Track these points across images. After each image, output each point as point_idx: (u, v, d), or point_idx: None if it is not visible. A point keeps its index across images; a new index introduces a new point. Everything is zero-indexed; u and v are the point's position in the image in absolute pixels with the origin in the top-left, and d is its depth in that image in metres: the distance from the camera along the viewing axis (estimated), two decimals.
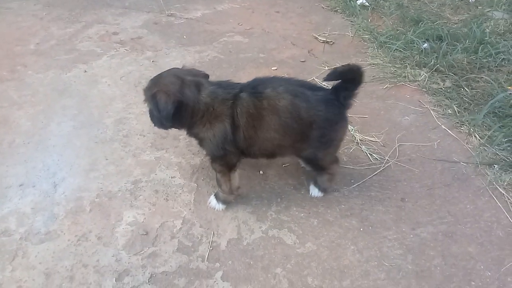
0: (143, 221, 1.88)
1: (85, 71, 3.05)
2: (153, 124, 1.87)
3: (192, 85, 1.71)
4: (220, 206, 1.95)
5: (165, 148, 2.30)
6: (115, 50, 3.37)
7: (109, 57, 3.26)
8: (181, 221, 1.89)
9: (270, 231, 1.84)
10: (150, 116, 1.87)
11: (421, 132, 2.38)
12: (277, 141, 1.76)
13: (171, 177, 2.11)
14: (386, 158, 2.20)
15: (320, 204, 1.96)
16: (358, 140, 2.31)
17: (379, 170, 2.13)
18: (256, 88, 1.74)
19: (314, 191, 2.00)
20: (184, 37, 3.62)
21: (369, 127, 2.44)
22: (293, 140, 1.77)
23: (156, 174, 2.13)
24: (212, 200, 1.97)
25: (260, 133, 1.73)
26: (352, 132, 2.37)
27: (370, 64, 3.07)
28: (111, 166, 2.18)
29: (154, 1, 4.32)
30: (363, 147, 2.27)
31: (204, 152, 1.92)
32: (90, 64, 3.15)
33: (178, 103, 1.66)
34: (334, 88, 1.75)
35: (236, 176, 1.91)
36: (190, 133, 1.85)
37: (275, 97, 1.69)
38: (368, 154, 2.22)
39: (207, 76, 1.86)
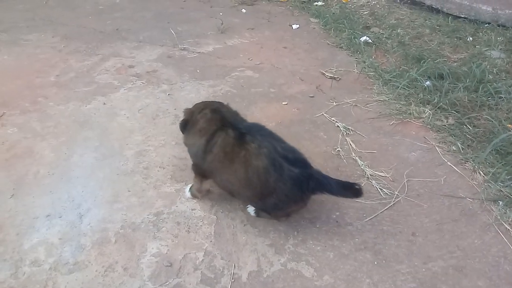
0: (166, 253, 1.97)
1: (104, 104, 3.19)
2: None
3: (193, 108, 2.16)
4: (188, 195, 2.27)
5: (184, 181, 2.41)
6: (132, 83, 3.53)
7: (127, 90, 3.40)
8: (203, 253, 1.97)
9: (289, 263, 1.93)
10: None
11: (428, 168, 2.51)
12: (235, 187, 1.99)
13: (192, 209, 2.21)
14: (396, 193, 2.31)
15: (335, 238, 2.05)
16: (369, 175, 2.43)
17: (390, 205, 2.23)
18: (244, 134, 1.91)
19: (251, 209, 2.17)
20: (198, 71, 3.78)
21: (378, 162, 2.56)
22: (249, 193, 1.97)
23: (177, 206, 2.23)
24: (186, 188, 2.29)
25: (223, 171, 1.97)
26: (362, 167, 2.49)
27: (377, 101, 3.23)
28: (133, 197, 2.28)
29: (168, 35, 4.52)
30: (373, 182, 2.39)
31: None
32: (109, 97, 3.29)
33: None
34: (312, 174, 1.90)
35: (207, 182, 2.18)
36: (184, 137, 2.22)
37: (254, 154, 1.84)
38: (379, 189, 2.33)
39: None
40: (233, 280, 1.84)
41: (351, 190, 1.95)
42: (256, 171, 1.86)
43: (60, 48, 4.17)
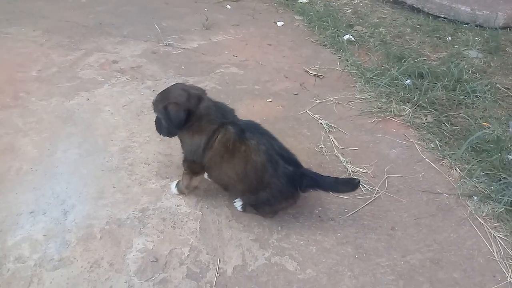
0: (152, 248, 1.99)
1: (88, 99, 3.17)
2: (160, 133, 2.20)
3: (196, 97, 1.99)
4: (174, 191, 2.29)
5: (170, 177, 2.42)
6: (116, 78, 3.50)
7: (111, 86, 3.38)
8: (189, 248, 2.00)
9: (273, 258, 1.98)
10: (157, 125, 2.18)
11: (407, 165, 2.59)
12: (232, 181, 2.03)
13: (177, 206, 2.24)
14: (377, 188, 2.39)
15: (318, 232, 2.11)
16: (350, 172, 2.50)
17: (371, 200, 2.31)
18: (244, 131, 1.97)
19: (238, 204, 2.22)
20: (182, 67, 3.78)
21: (359, 159, 2.63)
22: (244, 187, 2.03)
23: (162, 202, 2.25)
24: (173, 184, 2.30)
25: (223, 166, 2.00)
26: (344, 164, 2.56)
27: (359, 99, 3.31)
28: (118, 194, 2.29)
29: (152, 30, 4.50)
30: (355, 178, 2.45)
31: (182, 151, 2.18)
32: (92, 92, 3.26)
33: (187, 112, 1.93)
34: (304, 173, 2.00)
35: (197, 179, 2.20)
36: (179, 134, 2.11)
37: (254, 150, 1.92)
38: (360, 185, 2.40)
39: (205, 92, 2.11)
40: (218, 275, 1.88)
41: (347, 184, 2.06)
42: (254, 166, 1.93)
43: (42, 42, 4.11)
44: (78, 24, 4.61)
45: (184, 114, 1.91)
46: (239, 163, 1.96)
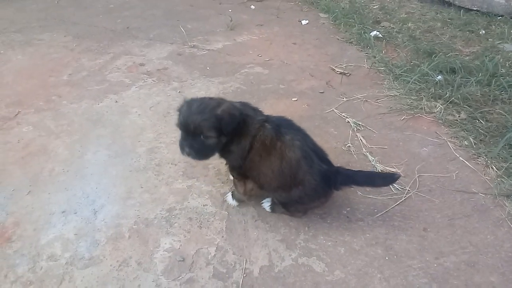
0: (179, 248, 2.00)
1: (116, 101, 3.23)
2: (197, 157, 1.94)
3: (227, 101, 1.96)
4: (234, 203, 2.23)
5: (196, 177, 2.44)
6: (143, 80, 3.57)
7: (138, 88, 3.45)
8: (215, 248, 2.00)
9: (300, 259, 1.94)
10: (191, 148, 1.88)
11: (440, 163, 2.49)
12: (268, 178, 1.97)
13: (203, 205, 2.24)
14: (407, 188, 2.31)
15: (346, 233, 2.06)
16: (380, 171, 2.42)
17: (401, 200, 2.23)
18: (279, 127, 1.95)
19: (266, 205, 2.20)
20: (207, 68, 3.81)
21: (389, 158, 2.55)
22: (278, 184, 1.96)
23: (189, 202, 2.26)
24: (229, 196, 2.25)
25: (261, 164, 1.95)
26: (373, 163, 2.49)
27: (387, 96, 3.21)
28: (146, 194, 2.32)
29: (177, 33, 4.56)
30: None
31: (226, 162, 2.13)
32: (120, 95, 3.33)
33: (239, 115, 1.87)
34: (338, 170, 1.96)
35: (250, 181, 2.09)
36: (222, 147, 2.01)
37: (289, 146, 1.88)
38: (390, 185, 2.32)
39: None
40: (244, 275, 1.87)
41: (386, 177, 2.01)
42: (289, 162, 1.89)
43: (72, 47, 4.24)
44: (106, 29, 4.74)
45: (237, 118, 1.85)
46: (275, 160, 1.91)
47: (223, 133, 1.84)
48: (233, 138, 1.91)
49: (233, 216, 2.17)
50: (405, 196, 2.26)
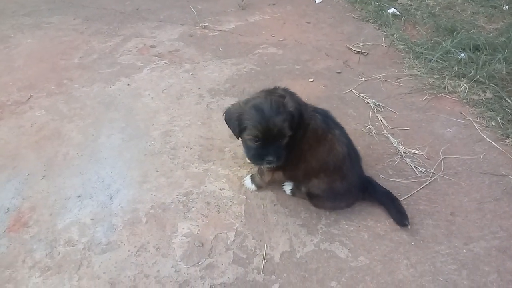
0: (197, 233, 1.95)
1: (128, 84, 3.16)
2: (276, 163, 1.78)
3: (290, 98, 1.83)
4: (252, 187, 2.16)
5: (212, 161, 2.37)
6: (155, 63, 3.49)
7: (150, 70, 3.37)
8: (234, 233, 1.95)
9: (322, 244, 1.88)
10: (275, 154, 1.74)
11: (465, 145, 2.39)
12: (310, 167, 1.90)
13: (221, 189, 2.18)
14: (432, 171, 2.21)
15: (369, 218, 1.99)
16: (402, 153, 2.33)
17: (426, 183, 2.14)
18: (328, 119, 1.90)
19: (287, 187, 2.14)
20: (220, 49, 3.70)
21: (411, 139, 2.45)
22: (318, 172, 1.89)
23: (206, 186, 2.20)
24: (247, 180, 2.18)
25: (308, 153, 1.88)
26: (395, 145, 2.39)
27: (408, 75, 3.09)
28: (162, 178, 2.26)
29: (188, 13, 4.44)
30: (407, 160, 2.29)
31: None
32: (132, 77, 3.26)
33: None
34: (370, 180, 2.03)
35: (279, 172, 2.05)
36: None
37: (338, 140, 1.85)
38: (414, 167, 2.24)
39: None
40: (265, 261, 1.81)
41: (400, 213, 1.93)
42: (336, 155, 1.85)
43: (82, 30, 4.16)
44: (116, 11, 4.63)
45: (301, 111, 1.80)
46: (323, 151, 1.86)
47: (293, 129, 1.74)
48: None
49: (252, 201, 2.11)
50: (430, 179, 2.17)
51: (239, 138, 1.87)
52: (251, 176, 2.18)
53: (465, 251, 1.82)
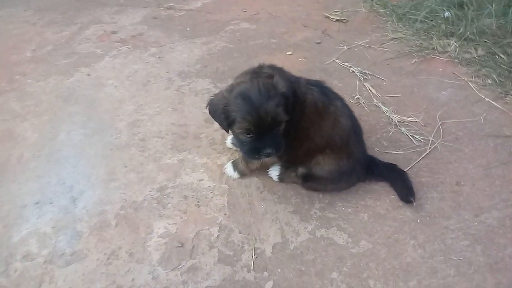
0: (176, 232, 1.70)
1: (88, 75, 2.85)
2: (276, 154, 1.52)
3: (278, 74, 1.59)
4: (235, 175, 1.91)
5: (187, 149, 2.11)
6: (117, 49, 3.17)
7: (112, 58, 3.05)
8: (218, 228, 1.71)
9: (318, 231, 1.66)
10: (274, 145, 1.48)
11: (463, 107, 2.19)
12: (313, 145, 1.67)
13: (199, 180, 1.93)
14: (431, 138, 2.01)
15: (368, 196, 1.78)
16: (396, 122, 2.12)
17: (426, 153, 1.94)
18: (324, 90, 1.67)
19: (274, 173, 1.89)
20: (188, 29, 3.41)
21: (404, 106, 2.24)
22: (323, 148, 1.67)
23: (182, 179, 1.95)
24: (228, 168, 1.93)
25: (311, 129, 1.64)
26: (388, 114, 2.18)
27: (392, 39, 2.87)
28: (131, 173, 2.00)
29: None
30: (402, 128, 2.08)
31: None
32: (93, 67, 2.94)
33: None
34: (373, 159, 1.81)
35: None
36: None
37: (341, 112, 1.65)
38: (410, 136, 2.03)
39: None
40: (255, 256, 1.58)
41: (408, 188, 1.72)
42: (342, 128, 1.64)
43: (34, 21, 3.77)
44: None
45: (295, 90, 1.56)
46: (327, 125, 1.63)
47: (289, 112, 1.49)
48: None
49: (235, 190, 1.87)
50: (429, 148, 1.97)
51: (229, 132, 1.61)
52: (233, 162, 1.93)
53: (476, 224, 1.62)
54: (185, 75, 2.74)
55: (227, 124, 1.52)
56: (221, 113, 1.51)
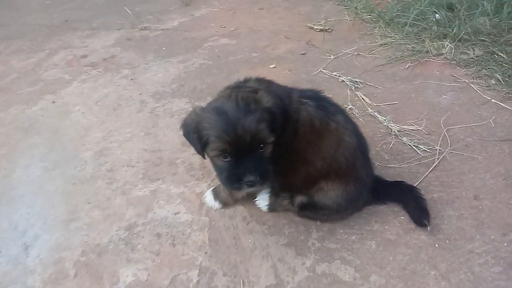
0: (147, 279, 1.40)
1: (54, 102, 2.58)
2: (262, 183, 1.24)
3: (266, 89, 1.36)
4: (216, 205, 1.64)
5: (161, 178, 1.84)
6: (86, 73, 2.92)
7: (80, 82, 2.80)
8: (197, 271, 1.41)
9: (318, 266, 1.38)
10: (257, 171, 1.20)
11: (469, 111, 1.97)
12: (313, 170, 1.40)
13: (175, 214, 1.65)
14: (438, 148, 1.77)
15: (373, 220, 1.51)
16: (396, 132, 1.88)
17: (435, 164, 1.69)
18: (321, 103, 1.40)
19: (262, 203, 1.60)
20: (163, 48, 3.19)
21: (403, 114, 2.01)
22: (326, 174, 1.40)
23: (154, 213, 1.66)
24: (209, 196, 1.66)
25: (308, 151, 1.37)
26: (385, 123, 1.94)
27: (382, 45, 2.68)
28: (95, 210, 1.70)
29: (124, 17, 3.89)
30: (404, 138, 1.84)
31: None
32: (59, 93, 2.68)
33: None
34: (378, 179, 1.56)
35: None
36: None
37: (344, 128, 1.38)
38: (413, 147, 1.79)
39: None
40: None
41: (421, 209, 1.45)
42: (347, 148, 1.37)
43: (0, 50, 3.52)
44: (41, 26, 4.02)
45: (282, 106, 1.31)
46: (329, 145, 1.36)
47: (275, 130, 1.24)
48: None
49: (217, 222, 1.59)
50: (438, 158, 1.72)
51: (205, 156, 1.34)
52: (213, 190, 1.66)
53: (506, 245, 1.36)
54: (160, 95, 2.49)
55: (201, 146, 1.26)
56: (193, 132, 1.26)
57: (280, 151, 1.32)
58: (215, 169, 1.33)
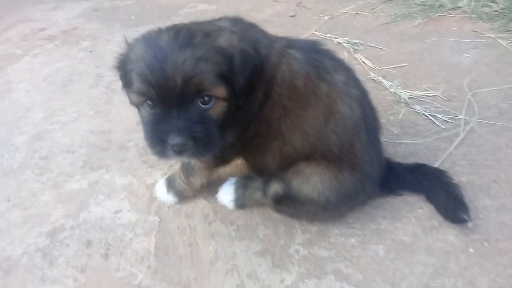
0: None
1: None
2: (199, 152, 0.87)
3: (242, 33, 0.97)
4: (170, 199, 1.24)
5: (106, 166, 1.44)
6: (41, 47, 2.52)
7: (31, 57, 2.40)
8: None
9: (303, 284, 0.97)
10: (191, 132, 0.84)
11: (498, 70, 1.57)
12: (290, 148, 1.01)
13: (115, 212, 1.24)
14: (462, 117, 1.36)
15: (380, 215, 1.10)
16: (406, 99, 1.47)
17: (460, 138, 1.27)
18: (314, 56, 1.00)
19: (227, 198, 1.20)
20: (133, 17, 2.81)
21: (414, 78, 1.60)
22: (309, 155, 1.00)
23: (89, 212, 1.26)
24: (161, 187, 1.27)
25: (284, 121, 0.99)
26: (392, 89, 1.52)
27: (385, 2, 2.25)
28: (14, 211, 1.31)
29: None
30: (417, 107, 1.43)
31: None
32: (5, 70, 2.28)
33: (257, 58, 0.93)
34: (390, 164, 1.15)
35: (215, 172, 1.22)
36: None
37: (342, 93, 0.99)
38: (430, 116, 1.37)
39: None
40: None
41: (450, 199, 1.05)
42: (341, 121, 0.98)
43: None
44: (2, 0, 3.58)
45: (253, 58, 0.92)
46: (315, 116, 0.97)
47: (235, 90, 0.90)
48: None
49: (170, 223, 1.19)
50: (463, 130, 1.30)
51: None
52: (167, 179, 1.26)
53: None
54: None
55: (126, 88, 0.94)
56: (119, 68, 0.96)
57: (246, 118, 0.93)
58: (142, 125, 0.95)
